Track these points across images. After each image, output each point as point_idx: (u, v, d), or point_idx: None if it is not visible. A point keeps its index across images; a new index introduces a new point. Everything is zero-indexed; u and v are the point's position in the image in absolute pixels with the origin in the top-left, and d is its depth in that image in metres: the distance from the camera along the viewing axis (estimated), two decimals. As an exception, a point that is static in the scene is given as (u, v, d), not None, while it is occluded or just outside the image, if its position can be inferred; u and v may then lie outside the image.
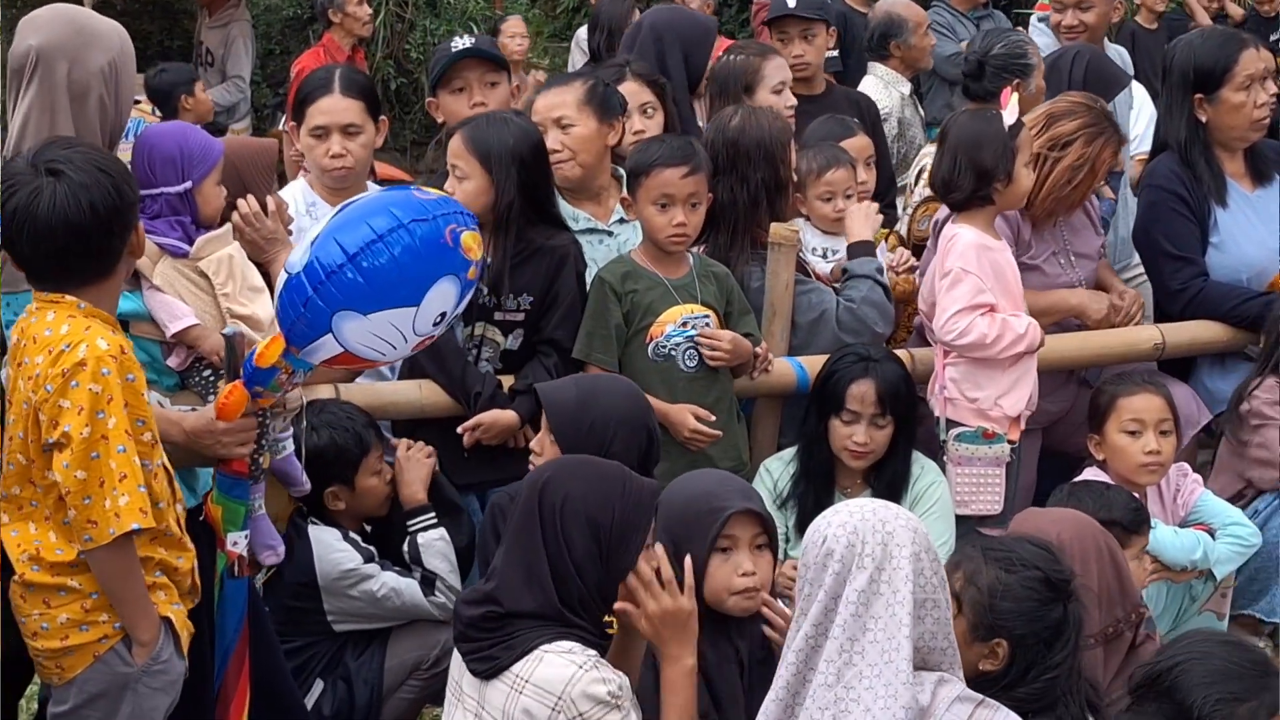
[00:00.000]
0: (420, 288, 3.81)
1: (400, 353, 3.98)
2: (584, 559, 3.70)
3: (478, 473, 5.16)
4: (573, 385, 4.61)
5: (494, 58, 5.84)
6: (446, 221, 3.82)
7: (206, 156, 4.43)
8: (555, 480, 3.79)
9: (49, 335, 3.75)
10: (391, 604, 4.97)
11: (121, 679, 3.83)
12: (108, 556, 3.72)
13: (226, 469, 4.15)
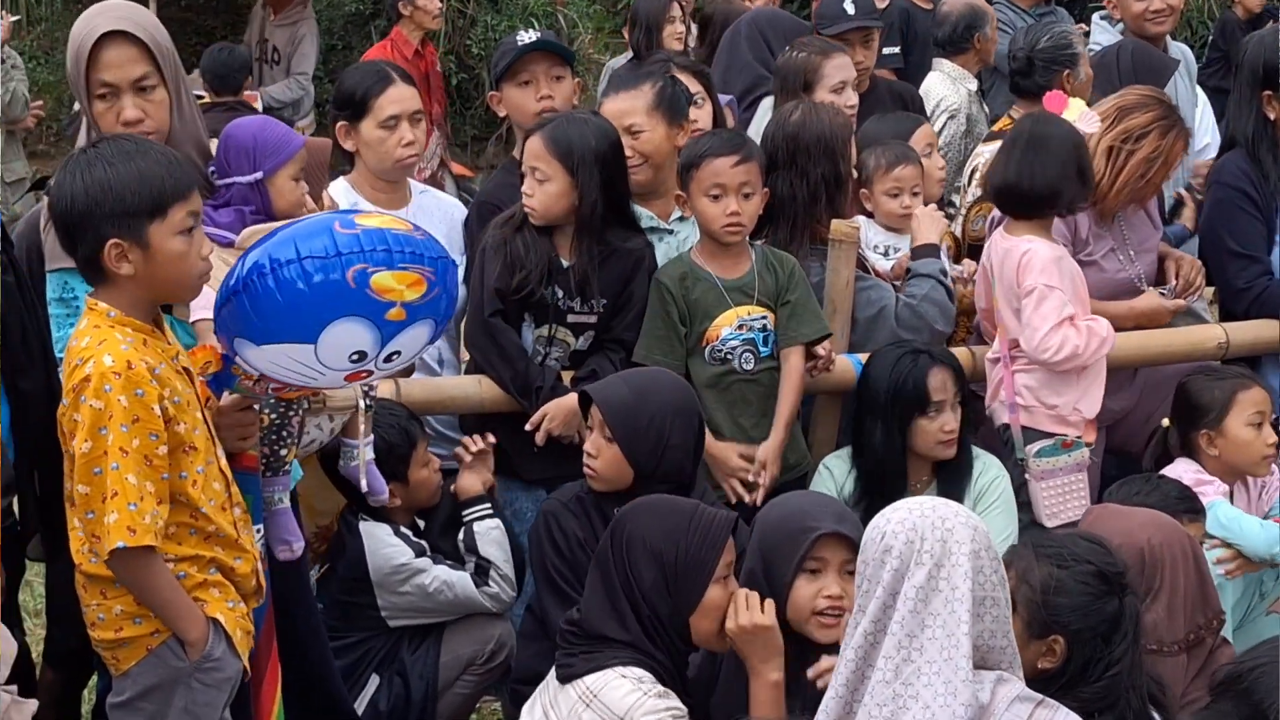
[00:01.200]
0: (311, 327, 3.68)
1: (329, 381, 3.88)
2: (651, 590, 3.87)
3: (545, 469, 5.16)
4: (622, 383, 4.66)
5: (561, 51, 5.85)
6: (352, 260, 3.66)
7: (281, 149, 4.41)
8: (629, 516, 4.01)
9: (74, 345, 3.77)
10: (444, 597, 4.97)
11: (174, 673, 3.83)
12: (116, 569, 3.72)
13: (235, 464, 4.12)
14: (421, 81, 10.37)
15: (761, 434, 5.16)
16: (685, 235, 5.44)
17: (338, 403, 4.37)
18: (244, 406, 4.06)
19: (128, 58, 4.25)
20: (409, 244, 3.75)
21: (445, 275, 3.81)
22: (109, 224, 3.69)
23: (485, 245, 5.09)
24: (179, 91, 4.33)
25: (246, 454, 4.14)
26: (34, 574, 5.34)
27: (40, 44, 14.71)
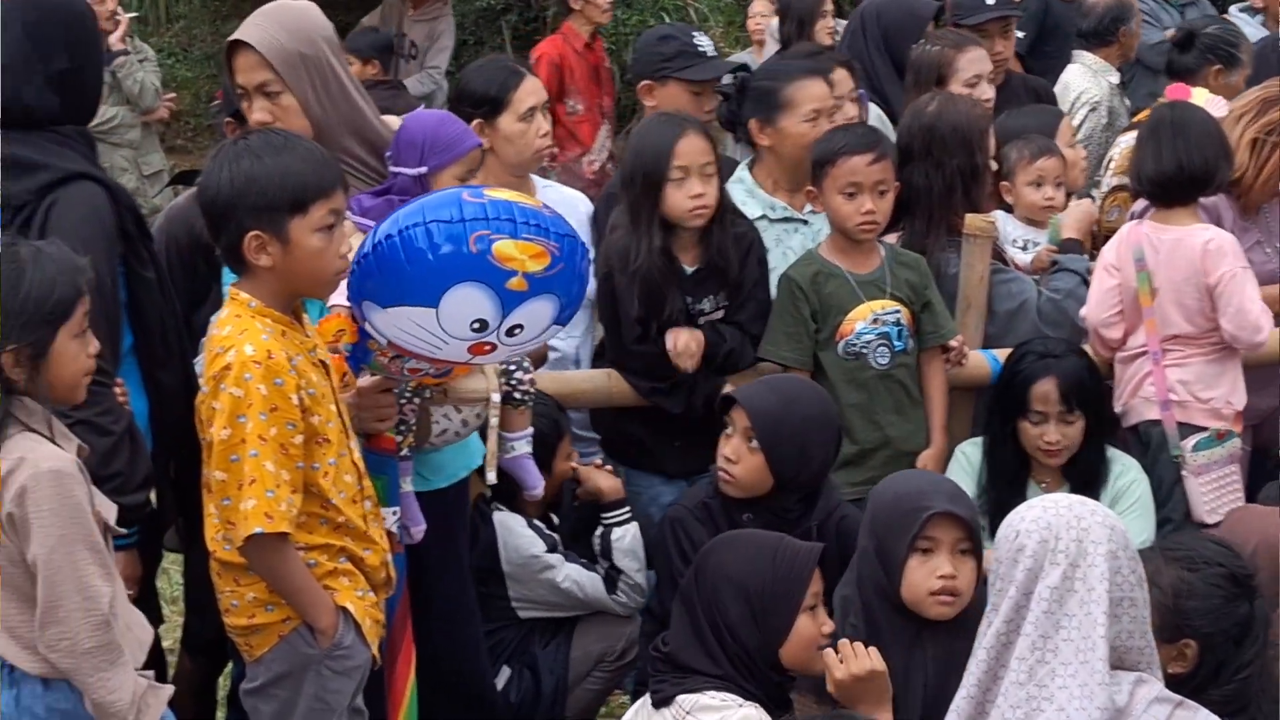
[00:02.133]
0: (433, 290, 3.73)
1: (452, 352, 3.89)
2: (737, 623, 3.88)
3: (688, 462, 5.15)
4: (769, 391, 4.63)
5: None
6: (476, 227, 3.71)
7: (451, 148, 4.42)
8: (711, 551, 4.04)
9: (215, 334, 3.81)
10: (574, 596, 4.98)
11: (304, 660, 3.85)
12: (251, 556, 3.75)
13: (372, 445, 4.16)
14: (591, 75, 10.45)
15: (896, 430, 5.14)
16: (819, 227, 5.41)
17: (461, 394, 4.36)
18: (383, 389, 4.09)
19: (249, 65, 4.35)
20: (535, 217, 3.78)
21: (573, 254, 3.82)
22: (250, 216, 3.73)
23: (612, 272, 5.04)
24: (315, 92, 4.36)
25: (384, 436, 4.17)
26: (171, 562, 5.41)
27: (178, 40, 14.96)
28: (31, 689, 3.51)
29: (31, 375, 3.47)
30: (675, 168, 4.90)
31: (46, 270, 3.47)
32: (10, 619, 3.50)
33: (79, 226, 3.95)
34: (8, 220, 4.01)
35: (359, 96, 4.48)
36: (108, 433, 3.97)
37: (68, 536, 3.43)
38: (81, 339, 3.55)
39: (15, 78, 4.09)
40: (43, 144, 4.09)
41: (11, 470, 3.43)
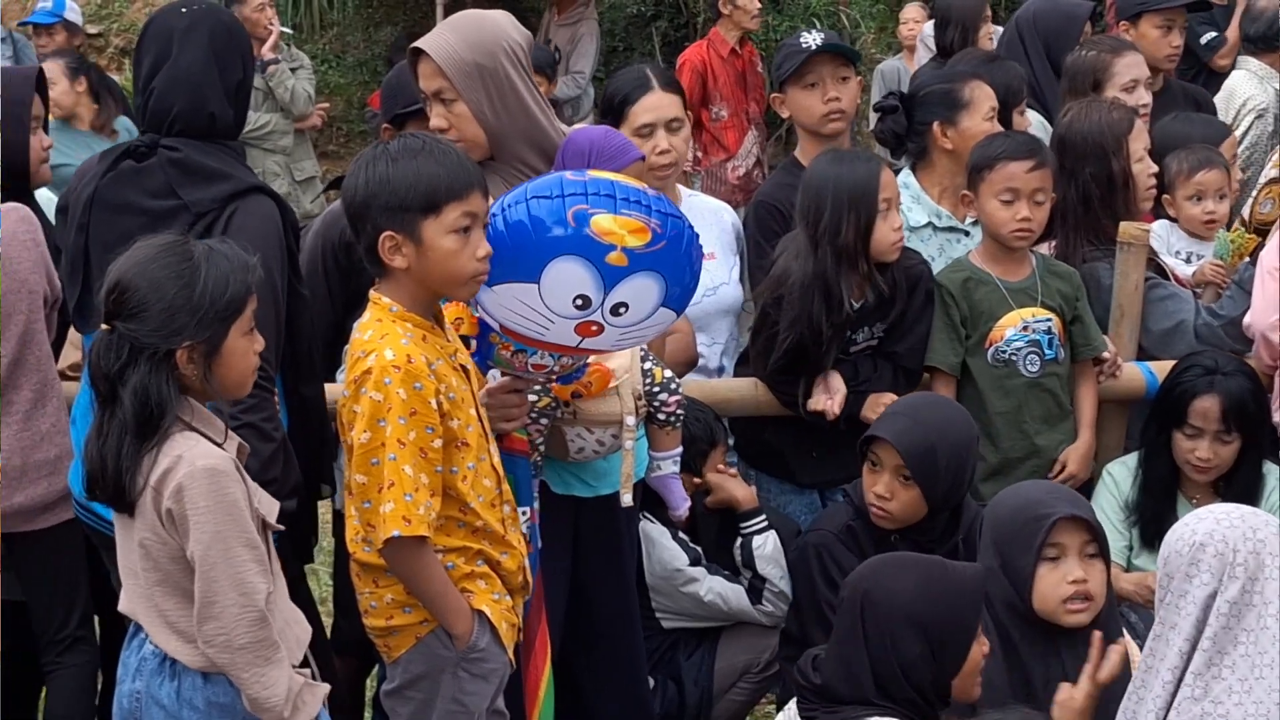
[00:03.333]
0: (533, 265, 3.74)
1: (560, 333, 3.86)
2: (914, 660, 3.76)
3: (822, 471, 5.15)
4: (913, 423, 4.56)
5: (848, 53, 5.79)
6: (574, 201, 3.72)
7: (616, 158, 4.41)
8: (876, 583, 3.85)
9: (357, 338, 3.84)
10: (718, 609, 4.96)
11: (441, 662, 3.86)
12: (390, 558, 3.77)
13: (502, 445, 4.15)
14: (738, 80, 10.46)
15: (1044, 440, 5.09)
16: (980, 238, 5.34)
17: (592, 416, 4.34)
18: (511, 389, 4.09)
19: (428, 72, 4.41)
20: (636, 194, 3.78)
21: (678, 236, 3.80)
22: (384, 216, 3.75)
23: (765, 304, 5.00)
24: (490, 101, 4.39)
25: (514, 436, 4.17)
26: (321, 563, 5.47)
27: (332, 47, 15.12)
28: (192, 681, 3.55)
29: (204, 372, 3.52)
30: (882, 200, 4.87)
31: (220, 268, 3.52)
32: (171, 613, 3.55)
33: (257, 240, 4.02)
34: (189, 224, 4.09)
35: (538, 109, 4.49)
36: (270, 439, 4.04)
37: (224, 533, 3.47)
38: (250, 336, 3.59)
39: (202, 89, 4.20)
40: (223, 155, 4.21)
41: (170, 468, 3.47)
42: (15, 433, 4.32)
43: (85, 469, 3.60)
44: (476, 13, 4.59)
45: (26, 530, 4.38)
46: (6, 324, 4.29)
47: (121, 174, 4.21)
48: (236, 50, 4.28)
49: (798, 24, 12.72)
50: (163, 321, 3.44)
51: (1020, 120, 5.80)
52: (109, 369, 3.48)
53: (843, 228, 4.83)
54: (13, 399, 4.31)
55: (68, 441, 4.39)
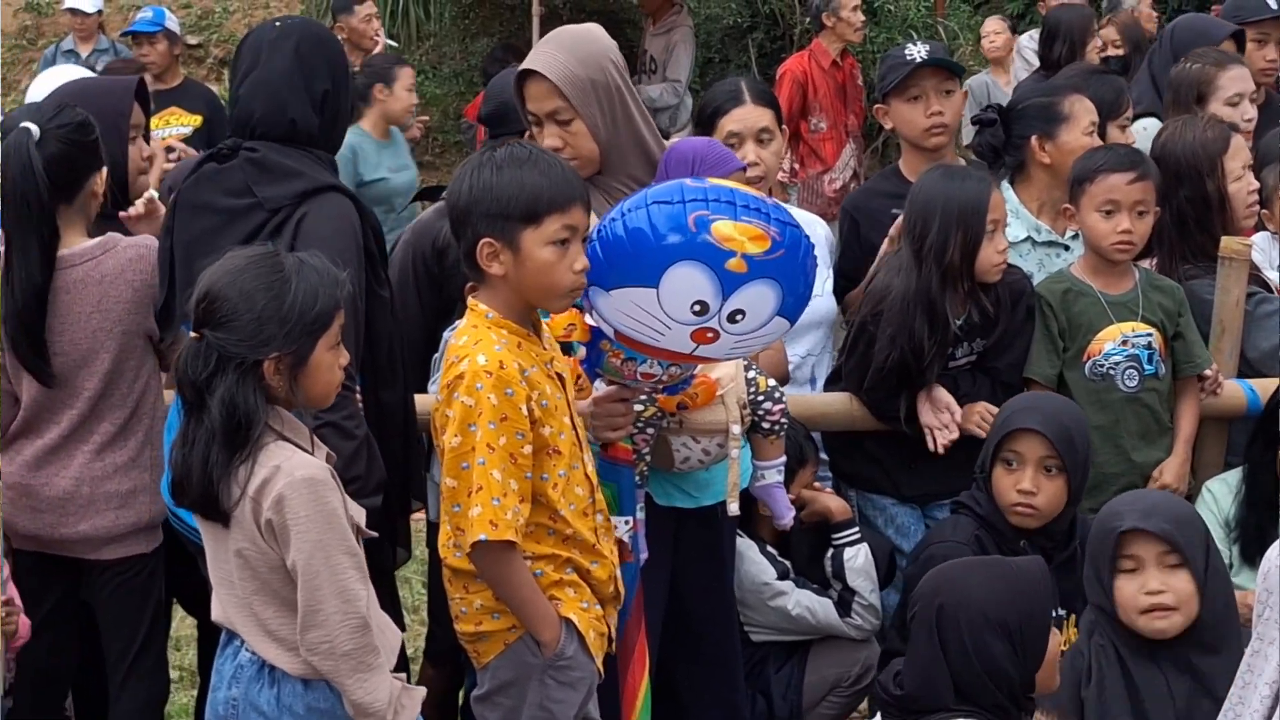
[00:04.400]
0: (653, 269, 3.73)
1: (675, 339, 3.85)
2: (1000, 662, 3.76)
3: (925, 484, 5.11)
4: (1041, 412, 4.60)
5: (952, 66, 5.76)
6: (695, 207, 3.71)
7: (719, 167, 4.39)
8: (948, 591, 3.85)
9: (453, 343, 3.85)
10: (806, 623, 4.94)
11: (528, 669, 3.87)
12: (478, 562, 3.78)
13: (605, 453, 4.16)
14: (838, 92, 10.45)
15: (1141, 456, 5.03)
16: (1079, 252, 5.29)
17: (697, 425, 4.34)
18: (617, 398, 4.09)
19: (541, 93, 4.41)
20: (755, 201, 3.78)
21: (795, 244, 3.78)
22: (484, 223, 3.77)
23: (863, 319, 4.97)
24: (604, 116, 4.41)
25: (619, 445, 4.17)
26: (413, 571, 5.50)
27: (428, 58, 15.22)
28: (292, 688, 3.57)
29: (289, 384, 3.54)
30: (990, 221, 4.84)
31: (310, 281, 3.53)
32: (270, 621, 3.57)
33: (331, 237, 4.04)
34: (262, 222, 4.12)
35: (641, 119, 4.51)
36: (351, 436, 4.05)
37: (325, 542, 3.48)
38: (336, 350, 3.61)
39: (283, 94, 4.22)
40: (301, 157, 4.21)
41: (269, 478, 3.49)
42: (86, 462, 4.34)
43: (170, 475, 3.63)
44: (578, 29, 4.59)
45: (93, 559, 4.41)
46: (92, 360, 4.31)
47: (203, 175, 4.25)
48: (324, 59, 4.29)
49: (895, 36, 12.68)
50: (251, 332, 3.46)
51: (1121, 134, 5.74)
52: (196, 376, 3.49)
53: (949, 246, 4.79)
54: (92, 429, 4.34)
55: (145, 477, 4.40)
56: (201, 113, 9.62)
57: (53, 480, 4.33)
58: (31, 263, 4.21)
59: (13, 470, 4.33)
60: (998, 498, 4.57)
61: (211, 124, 9.47)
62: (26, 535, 4.27)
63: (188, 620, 5.40)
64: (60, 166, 4.25)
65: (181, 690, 5.35)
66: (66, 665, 4.57)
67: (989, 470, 4.60)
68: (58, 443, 4.33)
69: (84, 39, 11.58)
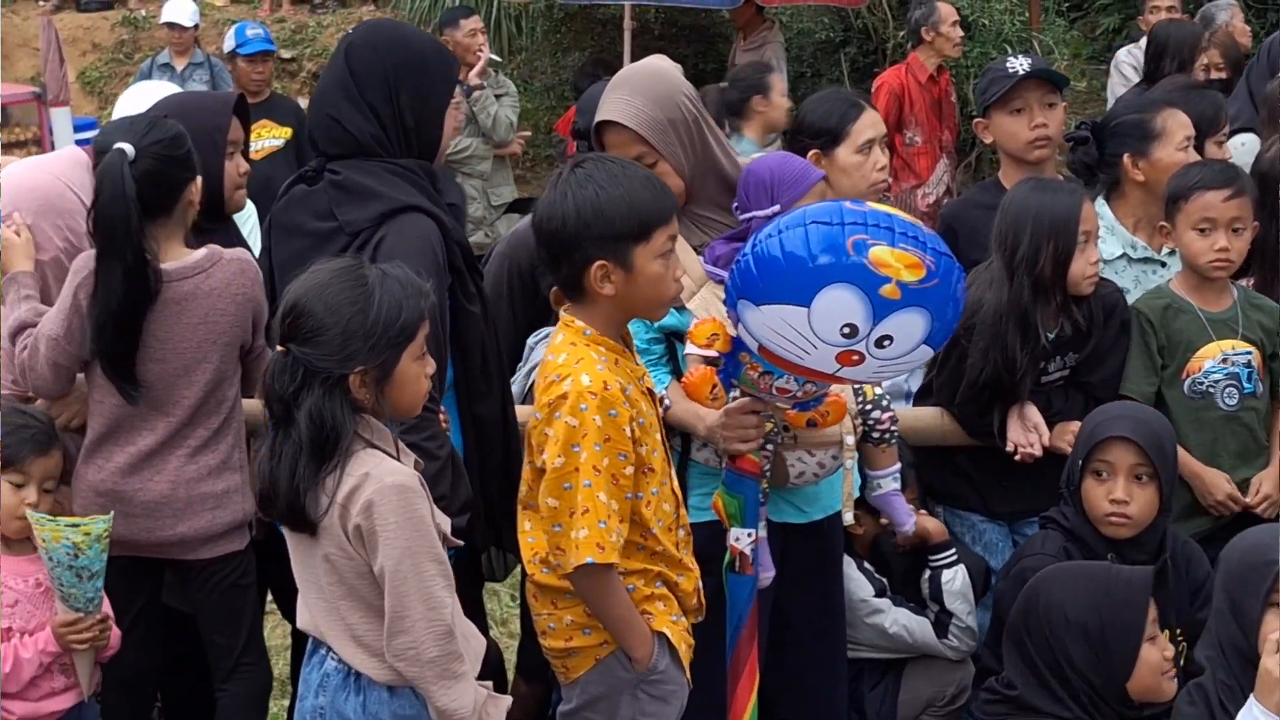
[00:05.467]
0: (807, 288, 3.69)
1: (820, 359, 3.81)
2: (1083, 664, 3.78)
3: (1015, 501, 5.07)
4: (1132, 420, 4.56)
5: (1055, 78, 5.72)
6: (854, 230, 3.67)
7: (799, 183, 4.39)
8: (1041, 589, 3.90)
9: (550, 360, 3.84)
10: (903, 641, 4.91)
11: (620, 684, 3.87)
12: (578, 583, 3.77)
13: (733, 464, 4.16)
14: (933, 107, 10.43)
15: (1239, 475, 4.93)
16: (1177, 268, 5.22)
17: (813, 439, 4.33)
18: (749, 410, 4.08)
19: (622, 142, 4.37)
20: (913, 229, 3.74)
21: (949, 274, 3.75)
22: (596, 246, 3.75)
23: (972, 332, 4.89)
24: (685, 151, 4.38)
25: (748, 457, 4.16)
26: (505, 585, 5.49)
27: (520, 72, 15.27)
28: (378, 695, 3.58)
29: (376, 396, 3.54)
30: (1081, 232, 4.80)
31: (394, 293, 3.53)
32: (357, 627, 3.58)
33: (411, 257, 4.00)
34: (345, 245, 4.12)
35: (716, 144, 4.48)
36: (434, 457, 4.05)
37: (413, 549, 3.49)
38: (421, 361, 3.61)
39: (334, 105, 4.23)
40: (382, 174, 4.19)
41: (358, 485, 3.49)
42: (180, 466, 4.36)
43: (258, 487, 3.64)
44: (645, 68, 4.52)
45: (191, 559, 4.44)
46: (193, 370, 4.33)
47: (293, 198, 4.28)
48: (380, 65, 4.24)
49: (989, 50, 12.60)
50: (337, 347, 3.47)
51: (1218, 150, 5.67)
52: (283, 391, 3.51)
53: (1040, 258, 4.76)
54: (187, 435, 4.36)
55: (236, 478, 4.42)
56: (290, 125, 9.71)
57: (147, 485, 4.35)
58: (113, 288, 4.22)
59: (103, 477, 4.37)
60: (1089, 509, 4.52)
61: (299, 136, 9.57)
62: (119, 540, 4.29)
63: (279, 629, 5.43)
64: (155, 181, 4.27)
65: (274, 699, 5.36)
66: (153, 667, 4.60)
67: (1078, 483, 4.55)
68: (153, 449, 4.36)
69: (180, 53, 11.70)
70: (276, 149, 9.49)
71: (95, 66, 15.83)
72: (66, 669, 4.31)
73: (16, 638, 4.22)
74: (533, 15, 14.93)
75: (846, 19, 13.95)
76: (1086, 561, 4.09)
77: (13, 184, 4.67)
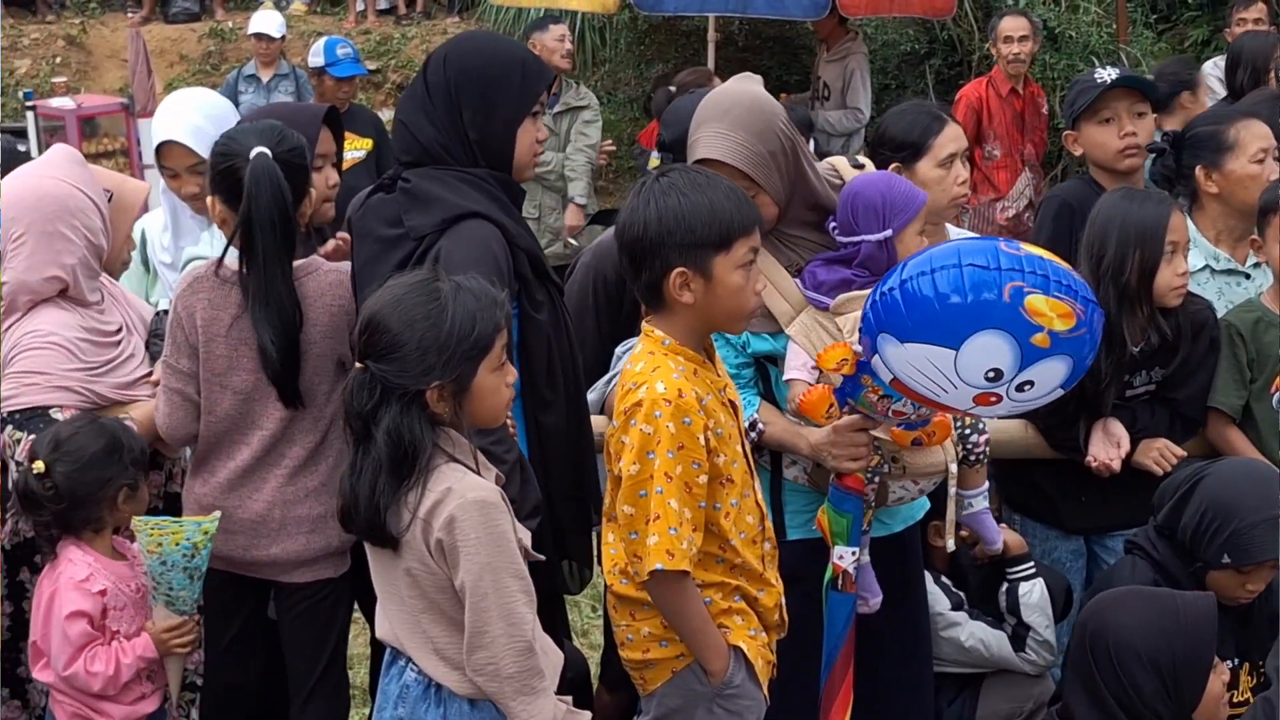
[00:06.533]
0: (958, 332, 3.65)
1: (956, 398, 3.78)
2: (1153, 699, 3.72)
3: (1091, 518, 5.04)
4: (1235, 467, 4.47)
5: (1144, 87, 5.67)
6: (1011, 277, 3.63)
7: (909, 205, 4.35)
8: (1105, 619, 3.85)
9: (629, 369, 3.84)
10: (979, 655, 4.88)
11: (695, 697, 3.85)
12: (653, 591, 3.77)
13: (841, 482, 4.15)
14: (1015, 120, 10.38)
15: None
16: (1260, 281, 5.19)
17: (920, 469, 4.30)
18: (859, 428, 4.07)
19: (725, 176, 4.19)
20: (1067, 277, 3.71)
21: (1093, 320, 3.73)
22: (676, 253, 3.74)
23: None
24: (783, 179, 4.32)
25: (854, 476, 4.15)
26: (586, 596, 5.48)
27: (603, 84, 15.30)
28: (459, 707, 3.59)
29: (454, 409, 3.54)
30: (1168, 243, 4.75)
31: (466, 305, 3.52)
32: (439, 640, 3.58)
33: (470, 263, 3.98)
34: (410, 251, 4.11)
35: (809, 166, 4.42)
36: (501, 461, 4.02)
37: (494, 565, 3.48)
38: (500, 371, 3.60)
39: (410, 116, 4.24)
40: (450, 181, 4.17)
41: (440, 500, 3.49)
42: (278, 486, 4.37)
43: (339, 502, 3.64)
44: (740, 97, 4.39)
45: (283, 581, 4.45)
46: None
47: (370, 205, 4.28)
48: (445, 79, 4.22)
49: (1076, 62, 12.50)
50: (411, 362, 3.47)
51: None
52: (362, 407, 3.51)
53: (1126, 267, 4.71)
54: (283, 453, 4.37)
55: (335, 502, 4.41)
56: (370, 136, 9.78)
57: (246, 503, 4.37)
58: (285, 288, 4.25)
59: (206, 491, 4.40)
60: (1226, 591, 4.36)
61: (379, 147, 9.63)
62: (219, 555, 4.32)
63: (360, 639, 5.44)
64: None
65: (353, 708, 5.37)
66: (252, 680, 4.62)
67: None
68: (250, 465, 4.37)
69: (266, 64, 11.79)
70: (359, 160, 9.54)
71: (182, 78, 15.96)
72: (151, 675, 4.35)
73: (118, 642, 4.27)
74: (616, 27, 14.95)
75: (931, 30, 13.88)
76: (1149, 588, 4.02)
77: (17, 194, 4.66)
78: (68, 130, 11.32)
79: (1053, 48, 12.91)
